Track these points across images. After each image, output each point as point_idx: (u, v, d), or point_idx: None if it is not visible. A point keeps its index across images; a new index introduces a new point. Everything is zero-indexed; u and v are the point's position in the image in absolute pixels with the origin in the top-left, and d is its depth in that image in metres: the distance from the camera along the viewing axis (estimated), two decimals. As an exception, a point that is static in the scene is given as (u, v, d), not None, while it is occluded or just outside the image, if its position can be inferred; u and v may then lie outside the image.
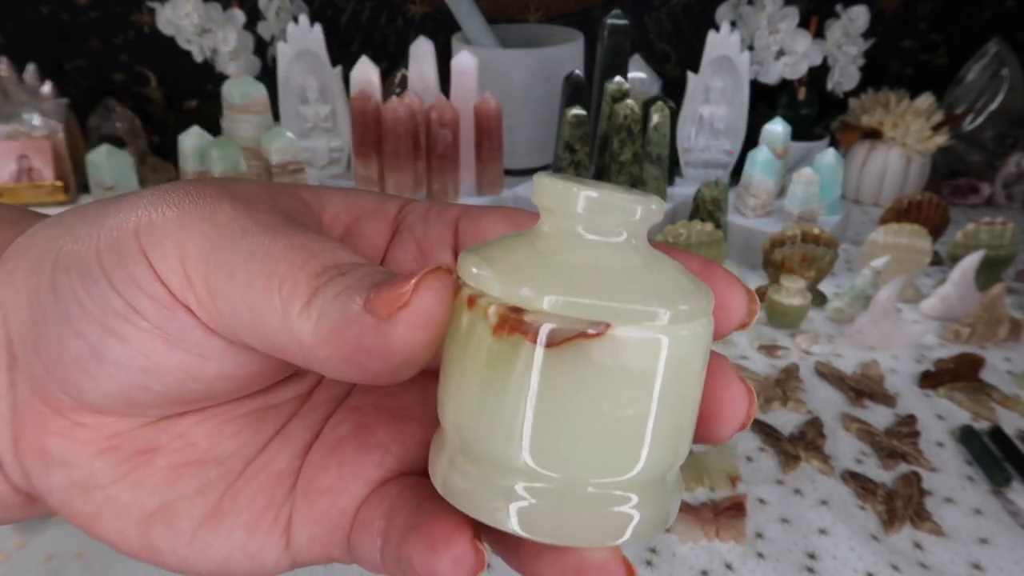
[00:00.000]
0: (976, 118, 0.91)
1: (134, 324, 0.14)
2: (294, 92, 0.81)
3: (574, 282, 0.12)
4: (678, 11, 1.01)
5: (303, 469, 0.17)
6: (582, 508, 0.13)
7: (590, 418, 0.12)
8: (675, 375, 0.13)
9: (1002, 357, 0.62)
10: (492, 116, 0.75)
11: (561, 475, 0.13)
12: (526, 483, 0.13)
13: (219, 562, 0.16)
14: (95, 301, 0.14)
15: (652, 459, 0.13)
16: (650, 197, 0.13)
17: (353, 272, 0.13)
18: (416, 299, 0.12)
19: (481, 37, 0.87)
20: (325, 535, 0.16)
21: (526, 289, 0.12)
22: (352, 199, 0.18)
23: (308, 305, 0.13)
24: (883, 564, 0.43)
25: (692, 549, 0.44)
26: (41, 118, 0.81)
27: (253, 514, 0.16)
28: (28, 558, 0.44)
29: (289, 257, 0.13)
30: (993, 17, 0.98)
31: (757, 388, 0.58)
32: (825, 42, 0.88)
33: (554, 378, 0.12)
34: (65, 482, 0.15)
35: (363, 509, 0.16)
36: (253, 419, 0.17)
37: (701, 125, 0.83)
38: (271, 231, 0.14)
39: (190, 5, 0.86)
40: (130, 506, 0.16)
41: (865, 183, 0.90)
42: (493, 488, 0.13)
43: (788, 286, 0.64)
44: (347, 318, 0.13)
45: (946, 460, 0.51)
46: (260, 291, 0.13)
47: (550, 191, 0.13)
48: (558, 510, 0.13)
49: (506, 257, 0.13)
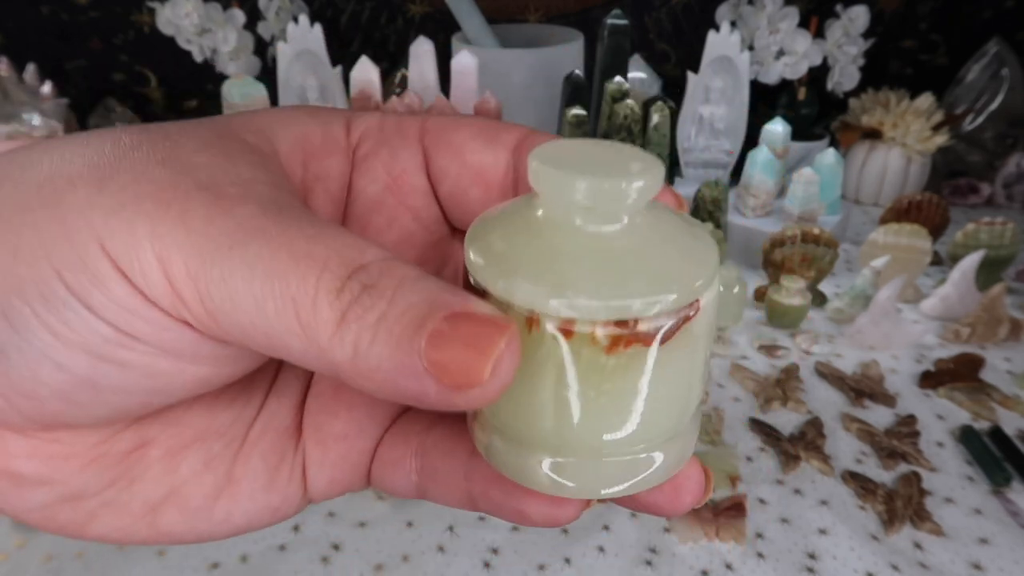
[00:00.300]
0: (976, 118, 0.91)
1: (131, 348, 0.13)
2: (294, 92, 0.81)
3: (624, 277, 0.13)
4: (678, 11, 1.01)
5: (305, 418, 0.17)
6: (639, 467, 0.14)
7: (671, 390, 0.14)
8: (706, 338, 0.14)
9: (1002, 357, 0.62)
10: (492, 116, 0.75)
11: (602, 446, 0.14)
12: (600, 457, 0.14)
13: (242, 525, 0.16)
14: (72, 329, 0.12)
15: (695, 404, 0.15)
16: (645, 165, 0.13)
17: (380, 283, 0.12)
18: (492, 381, 0.11)
19: (481, 37, 0.87)
20: (346, 476, 0.16)
21: (631, 301, 0.12)
22: (295, 131, 0.16)
23: (339, 331, 0.12)
24: (883, 564, 0.43)
25: (692, 549, 0.44)
26: (41, 118, 0.81)
27: (269, 472, 0.16)
28: (28, 558, 0.44)
29: (300, 271, 0.12)
30: (993, 17, 0.98)
31: (757, 388, 0.58)
32: (825, 42, 0.88)
33: (663, 366, 0.13)
34: (47, 499, 0.14)
35: (385, 449, 0.16)
36: (243, 385, 0.16)
37: (701, 125, 0.83)
38: (262, 235, 0.12)
39: (190, 5, 0.86)
40: (130, 503, 0.15)
41: (865, 183, 0.90)
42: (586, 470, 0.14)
43: (788, 286, 0.64)
44: (402, 369, 0.11)
45: (946, 460, 0.51)
46: (274, 316, 0.12)
47: (545, 178, 0.13)
48: (620, 471, 0.14)
49: (541, 263, 0.13)
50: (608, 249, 0.13)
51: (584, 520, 0.46)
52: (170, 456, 0.15)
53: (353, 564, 0.43)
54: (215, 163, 0.13)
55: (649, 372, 0.13)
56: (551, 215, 0.13)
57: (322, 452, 0.16)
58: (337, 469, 0.16)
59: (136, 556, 0.44)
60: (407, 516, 0.46)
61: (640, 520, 0.46)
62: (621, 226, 0.13)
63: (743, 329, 0.66)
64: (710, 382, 0.58)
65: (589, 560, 0.43)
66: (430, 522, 0.46)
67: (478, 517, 0.46)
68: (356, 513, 0.47)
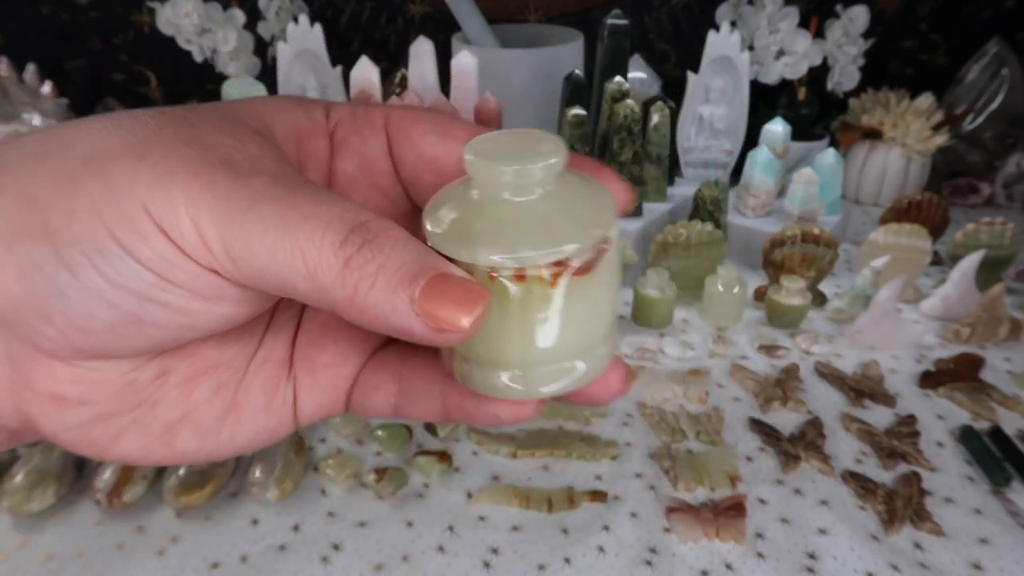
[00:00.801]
0: (976, 118, 0.91)
1: (170, 291, 0.16)
2: (294, 92, 0.81)
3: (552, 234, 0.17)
4: (678, 11, 1.01)
5: (296, 351, 0.20)
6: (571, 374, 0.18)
7: (595, 309, 0.18)
8: (618, 259, 0.19)
9: (1002, 357, 0.62)
10: (492, 116, 0.75)
11: (555, 358, 0.18)
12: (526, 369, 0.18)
13: (244, 445, 0.19)
14: (123, 276, 0.15)
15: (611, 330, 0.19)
16: (552, 147, 0.17)
17: (377, 239, 0.15)
18: (469, 329, 0.15)
19: (481, 37, 0.87)
20: (330, 401, 0.20)
21: (563, 247, 0.17)
22: (288, 117, 0.19)
23: (341, 275, 0.15)
24: (883, 564, 0.43)
25: (692, 549, 0.44)
26: (41, 118, 0.81)
27: (267, 398, 0.19)
28: (28, 558, 0.44)
29: (308, 227, 0.15)
30: (993, 17, 0.98)
31: (757, 388, 0.58)
32: (825, 42, 0.88)
33: (589, 288, 0.17)
34: (83, 419, 0.17)
35: (365, 376, 0.20)
36: (246, 325, 0.19)
37: (701, 125, 0.83)
38: (274, 200, 0.15)
39: (190, 5, 0.86)
40: (152, 424, 0.18)
41: (865, 183, 0.90)
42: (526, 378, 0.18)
43: (788, 286, 0.64)
44: (395, 311, 0.15)
45: (946, 460, 0.51)
46: (284, 262, 0.15)
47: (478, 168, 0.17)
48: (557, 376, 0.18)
49: (493, 226, 0.17)
50: (535, 213, 0.17)
51: (584, 520, 0.46)
52: (186, 383, 0.18)
53: (353, 564, 0.43)
54: (229, 143, 0.16)
55: (581, 296, 0.17)
56: (487, 194, 0.17)
57: (311, 380, 0.20)
58: (323, 394, 0.20)
59: (136, 556, 0.44)
60: (407, 516, 0.46)
61: (640, 520, 0.46)
62: (540, 194, 0.17)
63: (743, 329, 0.66)
64: (711, 382, 0.59)
65: (589, 560, 0.43)
66: (430, 522, 0.46)
67: (478, 517, 0.46)
68: (356, 513, 0.47)
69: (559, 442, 0.52)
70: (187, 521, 0.46)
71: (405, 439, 0.51)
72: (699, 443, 0.53)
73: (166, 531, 0.45)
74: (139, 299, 0.16)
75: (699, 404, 0.57)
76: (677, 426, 0.54)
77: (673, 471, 0.49)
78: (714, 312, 0.66)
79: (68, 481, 0.47)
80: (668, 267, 0.67)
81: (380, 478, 0.48)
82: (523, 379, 0.18)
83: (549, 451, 0.51)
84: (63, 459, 0.48)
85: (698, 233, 0.66)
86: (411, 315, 0.15)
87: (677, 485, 0.48)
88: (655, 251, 0.68)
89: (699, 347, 0.63)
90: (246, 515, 0.47)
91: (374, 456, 0.51)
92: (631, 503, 0.47)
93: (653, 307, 0.65)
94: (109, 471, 0.47)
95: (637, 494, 0.48)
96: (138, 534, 0.45)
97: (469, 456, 0.51)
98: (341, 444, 0.52)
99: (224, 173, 0.15)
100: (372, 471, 0.48)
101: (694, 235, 0.66)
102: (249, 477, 0.47)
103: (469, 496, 0.48)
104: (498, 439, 0.52)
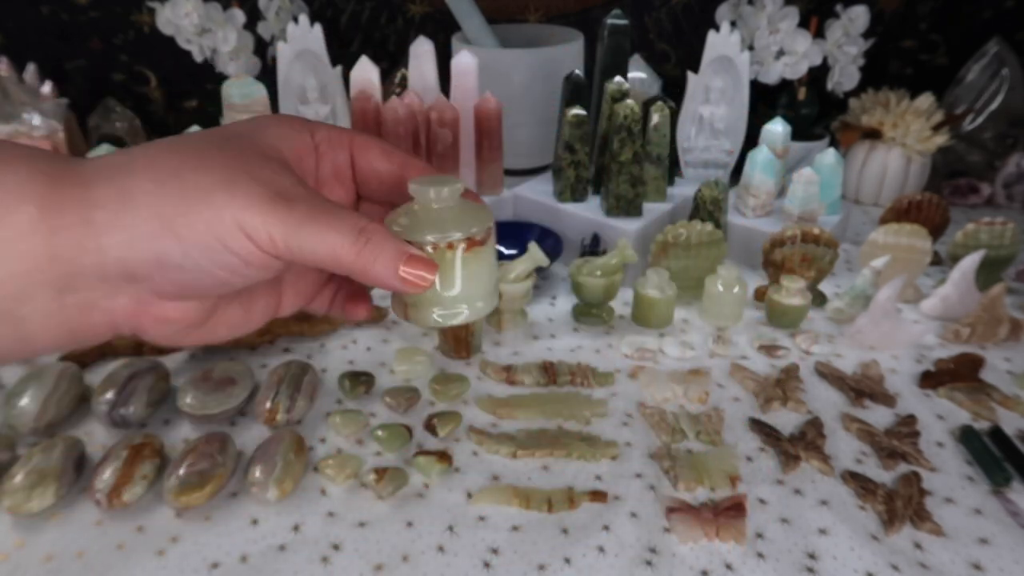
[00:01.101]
0: (976, 118, 0.91)
1: (248, 267, 0.27)
2: (294, 92, 0.81)
3: (458, 225, 0.30)
4: (678, 11, 1.01)
5: (284, 287, 0.33)
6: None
7: (487, 270, 0.31)
8: (494, 250, 0.31)
9: (1002, 357, 0.62)
10: (492, 116, 0.75)
11: (463, 304, 0.31)
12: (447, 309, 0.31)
13: (258, 322, 0.32)
14: (223, 262, 0.26)
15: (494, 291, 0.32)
16: (456, 183, 0.30)
17: (374, 238, 0.27)
18: (430, 282, 0.28)
19: (481, 37, 0.87)
20: (300, 301, 0.33)
21: (471, 229, 0.30)
22: (291, 144, 0.30)
23: (356, 260, 0.27)
24: (883, 564, 0.43)
25: (692, 549, 0.44)
26: (41, 118, 0.81)
27: (268, 306, 0.32)
28: (28, 558, 0.44)
29: (336, 226, 0.26)
30: (993, 17, 0.98)
31: (757, 388, 0.58)
32: (825, 42, 0.88)
33: (484, 256, 0.31)
34: (176, 329, 0.29)
35: (322, 293, 0.34)
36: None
37: (701, 125, 0.83)
38: (312, 219, 0.26)
39: (190, 5, 0.86)
40: (208, 328, 0.30)
41: (865, 183, 0.90)
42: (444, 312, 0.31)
43: (788, 286, 0.64)
44: (389, 277, 0.27)
45: (946, 460, 0.51)
46: (323, 251, 0.26)
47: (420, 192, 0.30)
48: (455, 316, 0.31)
49: (427, 223, 0.30)
50: (451, 214, 0.30)
51: (584, 520, 0.46)
52: (227, 304, 0.31)
53: (353, 564, 0.43)
54: (275, 177, 0.27)
55: (481, 259, 0.30)
56: (423, 206, 0.30)
57: (292, 296, 0.33)
58: (297, 300, 0.33)
59: (136, 556, 0.44)
60: (407, 516, 0.46)
61: (640, 520, 0.46)
62: (451, 205, 0.30)
63: (743, 329, 0.66)
64: (711, 382, 0.59)
65: (589, 560, 0.43)
66: (430, 522, 0.46)
67: (478, 517, 0.46)
68: (356, 513, 0.47)
69: (559, 442, 0.52)
70: (187, 521, 0.46)
71: (405, 439, 0.51)
72: (699, 443, 0.53)
73: (166, 531, 0.45)
74: (228, 272, 0.27)
75: (699, 404, 0.57)
76: (677, 426, 0.54)
77: (673, 471, 0.49)
78: (714, 312, 0.66)
79: (68, 481, 0.47)
80: (668, 267, 0.67)
81: (380, 478, 0.48)
82: (444, 315, 0.30)
83: (549, 451, 0.51)
84: (63, 459, 0.48)
85: (698, 233, 0.66)
86: (397, 278, 0.27)
87: (677, 485, 0.48)
88: (655, 251, 0.68)
89: (699, 347, 0.63)
90: (246, 515, 0.47)
91: (374, 456, 0.51)
92: (631, 503, 0.47)
93: (653, 307, 0.65)
94: (109, 471, 0.47)
95: (637, 494, 0.48)
96: (138, 534, 0.45)
97: (469, 456, 0.51)
98: (341, 444, 0.52)
99: (280, 202, 0.26)
100: (372, 471, 0.48)
101: (694, 235, 0.66)
102: (249, 477, 0.47)
103: (469, 496, 0.48)
104: (498, 439, 0.52)
